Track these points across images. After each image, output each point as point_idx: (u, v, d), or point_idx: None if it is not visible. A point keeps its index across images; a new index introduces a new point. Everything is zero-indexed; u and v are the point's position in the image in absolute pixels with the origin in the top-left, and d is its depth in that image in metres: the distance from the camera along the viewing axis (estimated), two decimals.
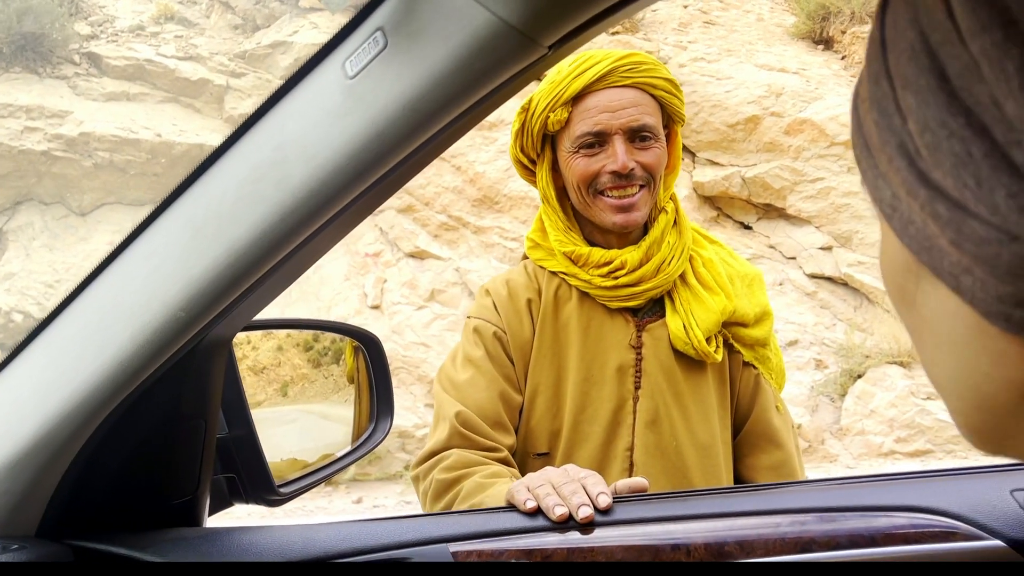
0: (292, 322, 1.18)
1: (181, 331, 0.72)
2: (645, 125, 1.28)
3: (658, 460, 1.30)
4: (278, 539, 0.84)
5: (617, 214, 1.30)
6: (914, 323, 0.34)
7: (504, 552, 0.83)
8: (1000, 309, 0.28)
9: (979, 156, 0.26)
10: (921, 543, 0.79)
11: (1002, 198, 0.26)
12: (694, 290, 1.34)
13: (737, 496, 0.90)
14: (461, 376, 1.34)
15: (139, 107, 9.27)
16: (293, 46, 9.58)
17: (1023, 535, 0.79)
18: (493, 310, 1.38)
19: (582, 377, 1.33)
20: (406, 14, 0.64)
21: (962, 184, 0.27)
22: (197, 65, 9.66)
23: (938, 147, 0.28)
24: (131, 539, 0.81)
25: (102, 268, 0.77)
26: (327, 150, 0.66)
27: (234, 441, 0.94)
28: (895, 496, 0.84)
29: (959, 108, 0.27)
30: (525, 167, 1.42)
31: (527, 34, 0.61)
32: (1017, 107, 0.25)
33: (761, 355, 1.40)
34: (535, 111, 1.32)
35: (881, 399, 7.00)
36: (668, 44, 9.19)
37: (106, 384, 0.73)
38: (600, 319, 1.35)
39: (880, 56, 0.31)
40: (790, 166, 8.30)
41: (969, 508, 0.81)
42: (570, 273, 1.36)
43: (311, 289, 8.01)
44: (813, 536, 0.81)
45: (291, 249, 0.71)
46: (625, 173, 1.27)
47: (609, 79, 1.27)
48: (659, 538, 0.83)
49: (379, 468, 6.83)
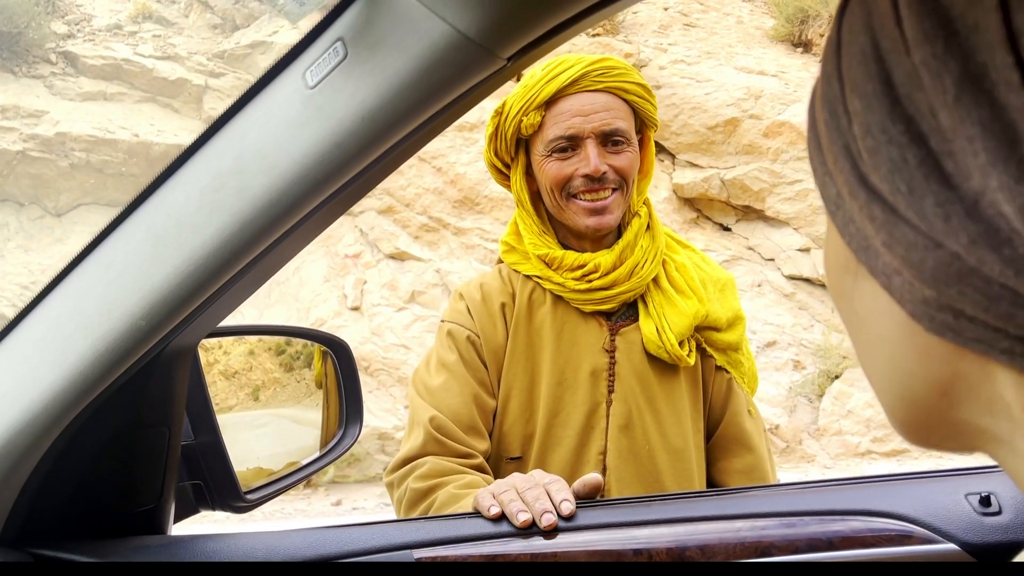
0: (258, 328, 1.18)
1: (142, 340, 0.72)
2: (617, 129, 1.29)
3: (631, 464, 1.31)
4: (242, 547, 0.84)
5: (590, 217, 1.30)
6: (850, 318, 0.36)
7: (468, 558, 0.83)
8: (924, 311, 0.29)
9: (913, 163, 0.27)
10: (878, 547, 0.81)
11: (930, 206, 0.27)
12: (667, 294, 1.35)
13: (698, 501, 0.91)
14: (435, 380, 1.34)
15: (116, 107, 9.19)
16: (273, 46, 9.53)
17: (976, 538, 0.80)
18: (467, 314, 1.38)
19: (555, 381, 1.33)
20: (366, 25, 0.64)
21: (896, 189, 0.28)
22: (175, 65, 9.59)
23: (877, 151, 0.29)
24: (94, 547, 0.81)
25: (62, 276, 0.76)
26: (287, 160, 0.67)
27: (200, 448, 0.94)
28: (853, 500, 0.85)
29: (900, 115, 0.28)
30: (499, 171, 1.42)
31: (485, 46, 0.62)
32: (951, 119, 0.26)
33: (734, 359, 1.41)
34: (508, 115, 1.33)
35: (858, 399, 7.06)
36: (648, 46, 9.23)
37: (67, 393, 0.73)
38: (574, 323, 1.35)
39: (834, 57, 0.32)
40: (769, 168, 8.36)
41: (924, 512, 0.82)
42: (544, 276, 1.36)
43: (290, 291, 7.97)
44: (773, 540, 0.82)
45: (252, 258, 0.71)
46: (597, 176, 1.28)
47: (581, 83, 1.28)
48: (621, 543, 0.84)
49: (358, 470, 6.81)
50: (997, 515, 0.82)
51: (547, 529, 0.85)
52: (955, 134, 0.26)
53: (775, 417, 7.10)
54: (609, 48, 8.79)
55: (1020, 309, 0.26)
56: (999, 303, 0.26)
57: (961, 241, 0.26)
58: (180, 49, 9.83)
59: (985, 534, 0.80)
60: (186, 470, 0.95)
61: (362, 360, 7.03)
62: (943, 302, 0.28)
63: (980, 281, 0.27)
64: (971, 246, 0.26)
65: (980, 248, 0.26)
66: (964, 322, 0.28)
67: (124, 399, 0.80)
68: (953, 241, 0.27)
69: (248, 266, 0.72)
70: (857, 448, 6.92)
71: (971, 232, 0.26)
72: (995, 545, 0.79)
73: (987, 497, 0.83)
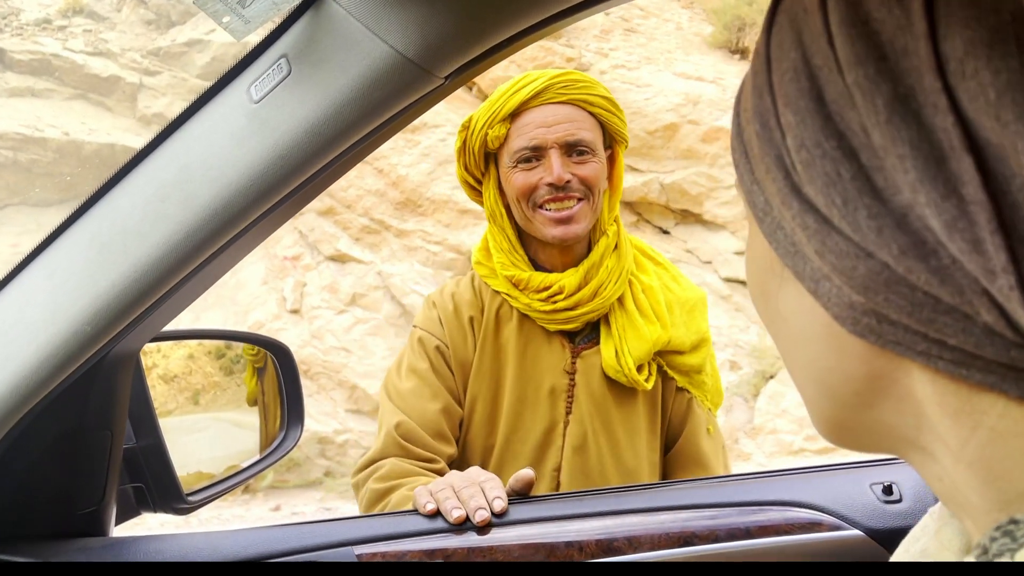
0: (201, 333, 1.19)
1: (86, 345, 0.73)
2: (581, 139, 1.31)
3: (584, 483, 1.34)
4: (184, 546, 0.86)
5: (556, 227, 1.32)
6: (773, 318, 0.38)
7: (407, 553, 0.87)
8: (850, 314, 0.32)
9: (847, 177, 0.29)
10: (791, 534, 0.87)
11: (863, 218, 0.29)
12: (631, 316, 1.37)
13: (625, 495, 0.96)
14: (405, 385, 1.36)
15: (45, 104, 8.92)
16: (210, 44, 9.36)
17: (879, 524, 0.87)
18: (438, 323, 1.40)
19: (516, 397, 1.36)
20: (309, 43, 0.67)
21: (830, 201, 0.30)
22: (108, 61, 9.35)
23: (812, 165, 0.31)
24: (35, 548, 0.82)
25: (5, 283, 0.77)
26: (232, 171, 0.69)
27: (142, 451, 0.95)
28: (769, 492, 0.91)
29: (833, 131, 0.30)
30: (472, 187, 1.44)
31: (423, 67, 0.65)
32: (882, 138, 0.28)
33: (696, 380, 1.43)
34: (475, 129, 1.35)
35: (792, 399, 7.26)
36: (590, 51, 9.34)
37: (10, 397, 0.74)
38: (538, 342, 1.38)
39: (765, 71, 0.34)
40: (707, 173, 8.54)
41: (833, 501, 0.88)
42: (511, 295, 1.39)
43: (227, 294, 7.84)
44: (694, 531, 0.87)
45: (196, 265, 0.74)
46: (561, 185, 1.29)
47: (545, 95, 1.30)
48: (554, 536, 0.88)
49: (298, 475, 6.74)
50: (898, 503, 0.89)
51: (480, 525, 0.89)
52: (886, 152, 0.28)
53: None
54: (551, 52, 8.87)
55: (940, 315, 0.29)
56: (922, 309, 0.29)
57: (892, 252, 0.29)
58: (113, 45, 9.59)
59: (887, 520, 0.87)
60: (128, 473, 0.96)
61: (302, 364, 6.95)
62: (869, 307, 0.31)
63: (906, 289, 0.29)
64: (900, 256, 0.29)
65: (908, 258, 0.28)
66: (887, 326, 0.31)
67: (67, 403, 0.81)
68: (884, 252, 0.29)
69: (192, 273, 0.74)
70: (791, 446, 7.11)
71: (901, 243, 0.28)
72: (896, 530, 0.86)
73: (889, 486, 0.90)
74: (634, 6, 10.48)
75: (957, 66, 0.27)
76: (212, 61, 9.06)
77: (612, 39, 9.79)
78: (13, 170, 8.45)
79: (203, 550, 0.85)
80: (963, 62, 0.26)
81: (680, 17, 10.60)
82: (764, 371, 7.55)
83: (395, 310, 7.61)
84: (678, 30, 10.31)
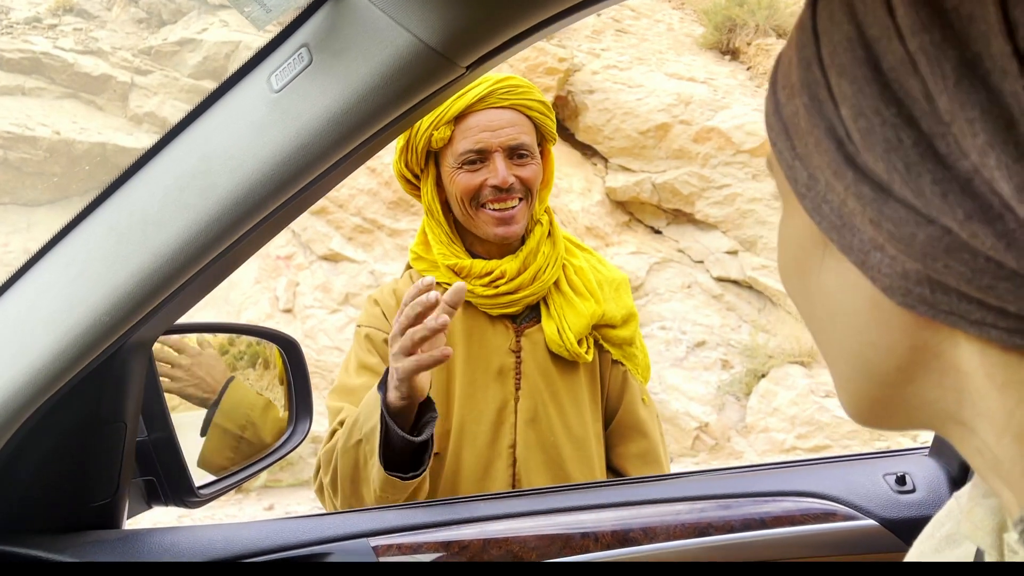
0: (212, 326, 1.19)
1: (105, 335, 0.73)
2: (522, 144, 1.38)
3: (538, 454, 1.40)
4: (199, 539, 0.85)
5: (498, 226, 1.39)
6: (808, 296, 0.38)
7: (423, 545, 0.86)
8: (901, 284, 0.32)
9: (909, 143, 0.30)
10: (806, 524, 0.87)
11: (927, 183, 0.29)
12: (567, 296, 1.46)
13: (641, 486, 0.96)
14: (356, 381, 1.41)
15: (36, 102, 8.86)
16: (202, 44, 9.31)
17: (893, 514, 0.87)
18: (383, 318, 1.47)
19: (468, 381, 1.42)
20: (330, 32, 0.67)
21: (891, 167, 0.30)
22: (98, 60, 9.29)
23: (871, 132, 0.31)
24: (49, 541, 0.81)
25: (17, 277, 0.77)
26: (252, 160, 0.69)
27: (154, 444, 0.95)
28: (783, 483, 0.92)
29: (892, 98, 0.30)
30: (408, 181, 1.51)
31: (446, 55, 0.65)
32: (950, 102, 0.28)
33: (628, 353, 1.52)
34: (419, 129, 1.41)
35: (783, 397, 7.28)
36: (582, 51, 9.35)
37: (26, 388, 0.73)
38: (483, 326, 1.44)
39: (812, 43, 0.34)
40: (698, 173, 8.55)
41: (847, 491, 0.89)
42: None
43: (220, 293, 7.81)
44: (710, 521, 0.88)
45: (215, 255, 0.73)
46: (505, 187, 1.36)
47: (488, 100, 1.37)
48: (570, 527, 0.88)
49: (291, 474, 6.72)
50: (912, 493, 0.89)
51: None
52: (953, 117, 0.28)
53: (704, 415, 7.28)
54: (543, 53, 8.87)
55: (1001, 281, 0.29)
56: (983, 275, 0.29)
57: (956, 217, 0.29)
58: (103, 44, 9.53)
59: (901, 510, 0.88)
60: (139, 466, 0.95)
61: None
62: (924, 275, 0.31)
63: (967, 255, 0.29)
64: (965, 221, 0.29)
65: (973, 223, 0.28)
66: (940, 295, 0.31)
67: (81, 395, 0.80)
68: (947, 217, 0.29)
69: (210, 263, 0.74)
70: (783, 444, 7.14)
71: (966, 208, 0.29)
72: (911, 520, 0.86)
73: (903, 476, 0.91)
74: (625, 7, 10.49)
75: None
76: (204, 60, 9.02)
77: (604, 39, 9.80)
78: (3, 169, 8.39)
79: (218, 543, 0.84)
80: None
81: (671, 18, 10.62)
82: (756, 370, 7.57)
83: None
84: (669, 31, 10.33)
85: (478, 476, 1.37)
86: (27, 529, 0.83)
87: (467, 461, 1.38)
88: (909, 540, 0.81)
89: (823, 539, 0.86)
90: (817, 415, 7.10)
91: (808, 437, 7.11)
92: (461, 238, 1.48)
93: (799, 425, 7.16)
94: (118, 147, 8.49)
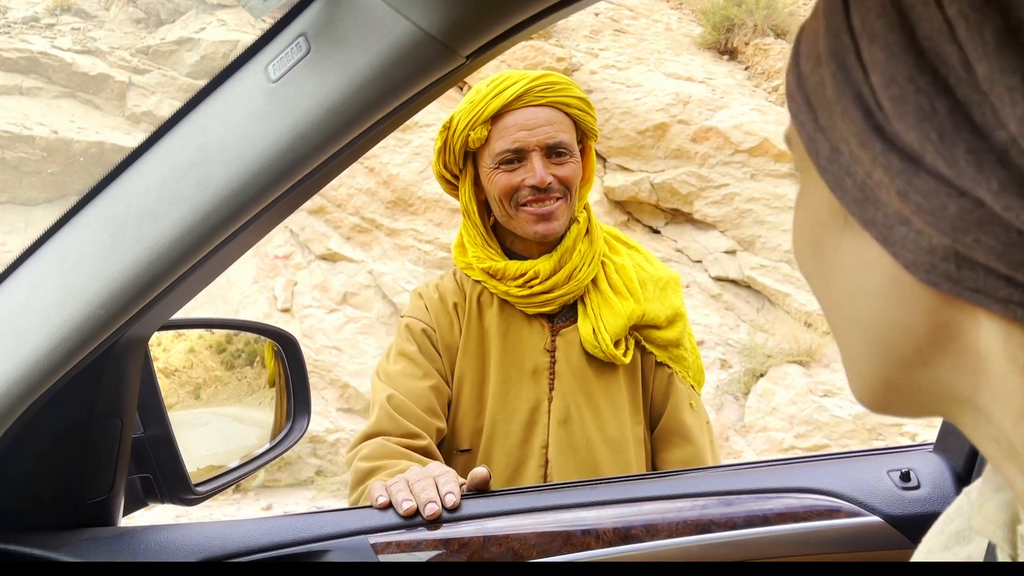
0: (209, 321, 1.18)
1: (100, 329, 0.72)
2: (561, 142, 1.36)
3: (570, 456, 1.38)
4: (195, 537, 0.84)
5: (538, 224, 1.37)
6: (825, 274, 0.37)
7: (422, 542, 0.86)
8: (926, 260, 0.31)
9: (943, 112, 0.29)
10: (809, 521, 0.86)
11: (962, 152, 0.28)
12: (604, 295, 1.42)
13: (642, 483, 0.95)
14: (395, 367, 1.41)
15: (33, 102, 8.84)
16: (200, 43, 9.30)
17: (898, 511, 0.86)
18: (424, 310, 1.46)
19: (502, 379, 1.41)
20: (328, 22, 0.66)
21: (924, 136, 0.29)
22: (96, 59, 9.27)
23: (903, 100, 0.30)
24: (44, 539, 0.80)
25: (12, 269, 0.76)
26: (249, 151, 0.68)
27: (150, 441, 0.94)
28: (786, 479, 0.91)
29: (926, 66, 0.29)
30: (448, 182, 1.49)
31: (446, 44, 0.64)
32: (990, 69, 0.27)
33: (675, 355, 1.48)
34: (456, 129, 1.39)
35: (782, 397, 7.28)
36: (580, 51, 9.34)
37: (20, 383, 0.72)
38: (518, 325, 1.43)
39: (842, 11, 0.33)
40: (696, 172, 8.55)
41: (850, 488, 0.88)
42: (489, 284, 1.44)
43: (218, 292, 7.80)
44: (713, 518, 0.87)
45: (212, 248, 0.72)
46: (543, 187, 1.35)
47: (525, 99, 1.35)
48: (571, 524, 0.87)
49: (289, 474, 6.71)
50: (916, 489, 0.88)
51: (429, 519, 0.90)
52: (992, 84, 0.27)
53: None
54: (541, 52, 8.87)
55: None
56: (1014, 250, 0.28)
57: (991, 188, 0.28)
58: (101, 43, 9.51)
59: (905, 507, 0.87)
60: (135, 463, 0.94)
61: None
62: (952, 250, 0.30)
63: (1000, 228, 0.28)
64: (1000, 193, 0.28)
65: (1008, 195, 0.28)
66: (966, 271, 0.30)
67: (77, 391, 0.79)
68: (981, 188, 0.28)
69: (207, 256, 0.73)
70: (781, 444, 7.13)
71: (1001, 179, 0.28)
72: (914, 516, 0.86)
73: (907, 473, 0.90)
74: (623, 6, 10.50)
75: None
76: (202, 59, 9.00)
77: (602, 39, 9.80)
78: (1, 168, 8.37)
79: (214, 540, 0.83)
80: None
81: (669, 18, 10.61)
82: (754, 369, 7.57)
83: (386, 309, 7.59)
84: (667, 31, 10.32)
85: (508, 475, 1.37)
86: (21, 526, 0.82)
87: (498, 459, 1.37)
88: (914, 537, 0.80)
89: (827, 536, 0.85)
90: (816, 415, 7.10)
91: (807, 437, 7.10)
92: (501, 236, 1.48)
93: (798, 425, 7.15)
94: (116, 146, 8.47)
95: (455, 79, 0.70)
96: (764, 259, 8.25)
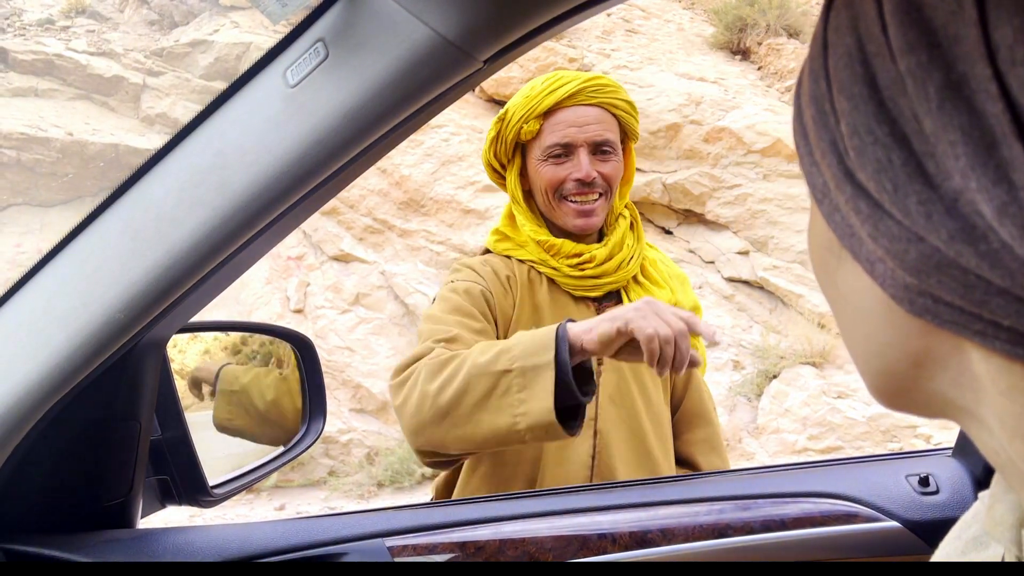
0: (226, 324, 1.19)
1: (119, 333, 0.72)
2: (607, 140, 1.44)
3: (621, 429, 1.43)
4: (214, 538, 0.85)
5: (579, 218, 1.45)
6: (833, 295, 0.39)
7: (438, 546, 0.86)
8: (906, 295, 0.32)
9: (898, 164, 0.29)
10: (827, 526, 0.86)
11: (913, 204, 0.29)
12: (645, 287, 1.52)
13: (658, 487, 0.95)
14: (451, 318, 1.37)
15: (49, 103, 8.91)
16: (214, 45, 9.35)
17: (916, 516, 0.86)
18: (479, 276, 1.47)
19: None
20: (347, 27, 0.66)
21: (881, 187, 0.30)
22: (111, 61, 9.34)
23: (864, 151, 0.31)
24: (63, 541, 0.81)
25: (32, 274, 0.77)
26: (268, 156, 0.68)
27: (167, 443, 0.94)
28: (803, 483, 0.90)
29: (885, 117, 0.30)
30: (495, 171, 1.57)
31: (463, 49, 0.64)
32: (934, 124, 0.28)
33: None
34: (510, 121, 1.47)
35: (795, 398, 7.25)
36: (592, 51, 9.34)
37: (41, 386, 0.73)
38: (567, 302, 1.49)
39: (821, 56, 0.34)
40: (709, 173, 8.52)
41: (868, 492, 0.87)
42: (540, 261, 1.49)
43: (231, 293, 7.83)
44: (729, 522, 0.86)
45: (231, 252, 0.73)
46: (588, 182, 1.43)
47: (577, 97, 1.43)
48: (587, 528, 0.87)
49: (302, 474, 6.73)
50: (935, 494, 0.88)
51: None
52: (938, 139, 0.28)
53: None
54: (554, 53, 8.86)
55: (993, 296, 0.29)
56: (974, 291, 0.29)
57: (941, 236, 0.29)
58: (116, 45, 9.57)
59: (924, 512, 0.86)
60: (152, 465, 0.95)
61: None
62: (923, 289, 0.31)
63: (958, 272, 0.29)
64: (950, 241, 0.29)
65: (958, 243, 0.28)
66: (942, 307, 0.31)
67: (96, 393, 0.80)
68: (934, 236, 0.29)
69: (226, 260, 0.74)
70: (794, 446, 7.10)
71: (950, 228, 0.28)
72: (933, 522, 0.85)
73: (925, 478, 0.89)
74: (635, 7, 10.48)
75: (1007, 53, 0.26)
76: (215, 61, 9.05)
77: (614, 40, 9.78)
78: (16, 170, 8.44)
79: (233, 542, 0.84)
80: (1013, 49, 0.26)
81: (681, 18, 10.59)
82: (767, 371, 7.53)
83: (398, 310, 7.60)
84: (679, 31, 10.30)
85: (558, 448, 1.39)
86: (41, 528, 0.83)
87: None
88: (932, 542, 0.80)
89: (844, 541, 0.85)
90: (829, 416, 7.06)
91: (820, 438, 7.07)
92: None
93: (811, 426, 7.12)
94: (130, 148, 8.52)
95: (472, 83, 0.70)
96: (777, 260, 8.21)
